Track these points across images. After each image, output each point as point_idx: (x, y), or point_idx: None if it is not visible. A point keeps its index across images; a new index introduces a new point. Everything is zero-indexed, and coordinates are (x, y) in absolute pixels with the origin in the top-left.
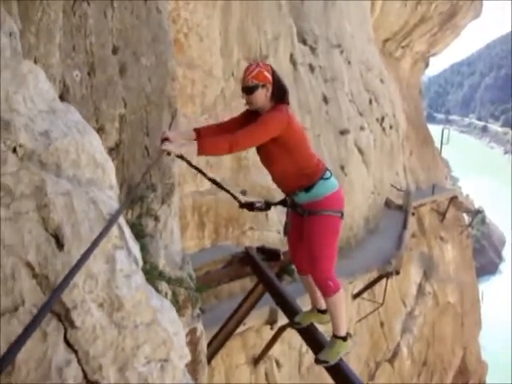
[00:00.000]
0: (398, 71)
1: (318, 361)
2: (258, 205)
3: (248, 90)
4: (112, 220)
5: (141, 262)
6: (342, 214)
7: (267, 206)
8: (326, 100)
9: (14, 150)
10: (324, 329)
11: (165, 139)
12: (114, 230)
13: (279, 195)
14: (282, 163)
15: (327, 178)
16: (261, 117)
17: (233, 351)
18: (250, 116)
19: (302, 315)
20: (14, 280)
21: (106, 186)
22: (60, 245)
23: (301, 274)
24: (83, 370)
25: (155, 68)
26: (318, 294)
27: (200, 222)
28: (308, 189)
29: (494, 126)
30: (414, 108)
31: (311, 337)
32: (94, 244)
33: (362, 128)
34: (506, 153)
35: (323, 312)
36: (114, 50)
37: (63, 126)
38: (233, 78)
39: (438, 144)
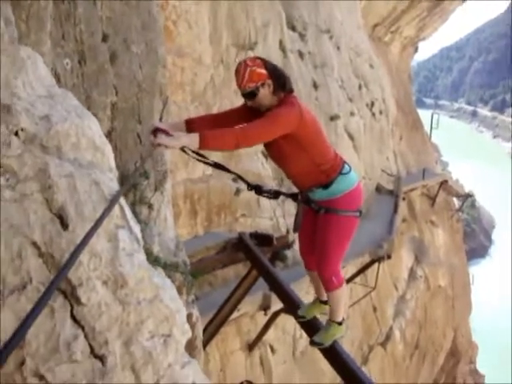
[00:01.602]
0: (387, 56)
1: (312, 343)
2: (265, 189)
3: (249, 96)
4: (114, 200)
5: (142, 242)
6: (361, 213)
7: (276, 194)
8: (315, 86)
9: (16, 134)
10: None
11: (155, 130)
12: (116, 210)
13: (271, 182)
14: (296, 161)
15: (346, 173)
16: (271, 111)
17: (228, 337)
18: (252, 109)
19: (305, 308)
20: (21, 259)
21: (105, 168)
22: (64, 225)
23: (308, 269)
24: (90, 345)
25: (146, 55)
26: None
27: (192, 210)
28: (326, 186)
29: (483, 111)
30: (404, 93)
31: (306, 321)
32: (98, 223)
33: (351, 113)
34: (494, 137)
35: (326, 303)
36: (104, 38)
37: (63, 111)
38: (222, 65)
39: (427, 129)
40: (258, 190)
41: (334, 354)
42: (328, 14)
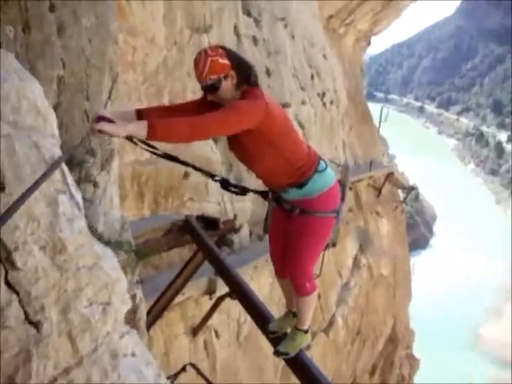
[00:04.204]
0: (340, 48)
1: (277, 353)
2: (232, 183)
3: (210, 90)
4: (55, 163)
5: (83, 209)
6: (338, 213)
7: (243, 190)
8: (268, 73)
9: None
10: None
11: (99, 119)
12: (57, 175)
13: (220, 168)
14: (266, 160)
15: (322, 170)
16: (233, 102)
17: (172, 321)
18: (213, 103)
19: (277, 323)
20: None
21: (47, 134)
22: (1, 187)
23: (280, 277)
24: (25, 311)
25: (96, 29)
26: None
27: (139, 192)
28: (301, 185)
29: (430, 107)
30: (355, 85)
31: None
32: (36, 184)
33: (303, 102)
34: (439, 133)
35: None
36: (51, 8)
37: (2, 72)
38: (175, 46)
39: (376, 122)
40: (223, 183)
41: (299, 365)
42: (284, 1)
